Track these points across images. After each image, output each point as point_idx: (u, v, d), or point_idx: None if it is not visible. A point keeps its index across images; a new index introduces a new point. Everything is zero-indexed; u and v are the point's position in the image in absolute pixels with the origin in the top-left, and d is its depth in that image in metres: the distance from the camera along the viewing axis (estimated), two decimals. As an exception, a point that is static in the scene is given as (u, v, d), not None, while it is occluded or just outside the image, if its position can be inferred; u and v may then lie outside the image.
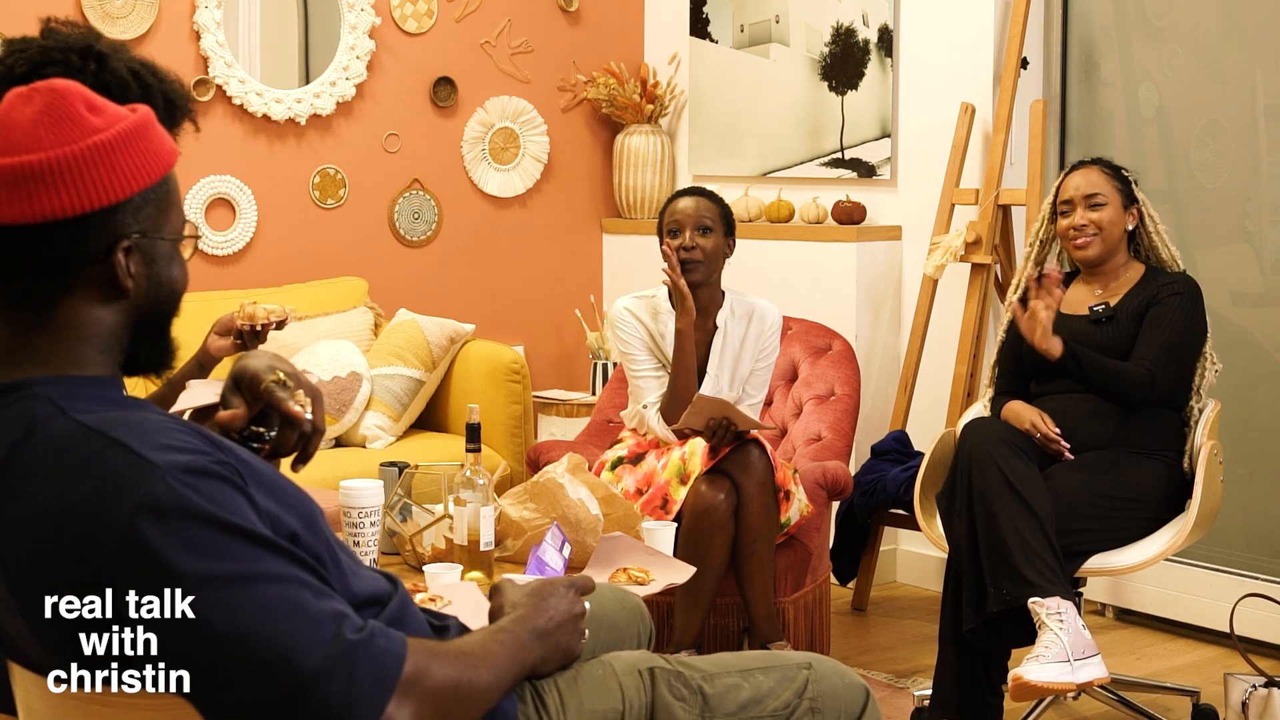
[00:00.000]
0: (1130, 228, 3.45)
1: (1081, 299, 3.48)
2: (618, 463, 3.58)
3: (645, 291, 3.74)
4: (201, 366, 2.70)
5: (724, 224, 3.64)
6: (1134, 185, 3.46)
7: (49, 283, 1.46)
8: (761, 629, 3.42)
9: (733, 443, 3.39)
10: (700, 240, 3.58)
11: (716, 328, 3.67)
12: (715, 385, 3.63)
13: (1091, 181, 3.44)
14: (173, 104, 2.07)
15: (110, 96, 1.96)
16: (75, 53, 1.99)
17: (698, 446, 3.42)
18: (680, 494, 3.39)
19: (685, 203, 3.63)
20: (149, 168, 1.48)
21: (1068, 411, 3.33)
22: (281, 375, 1.69)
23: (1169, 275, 3.44)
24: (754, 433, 3.42)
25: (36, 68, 1.96)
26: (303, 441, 1.69)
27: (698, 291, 3.60)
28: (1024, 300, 3.37)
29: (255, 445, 1.68)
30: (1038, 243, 3.59)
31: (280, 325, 2.77)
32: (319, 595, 1.39)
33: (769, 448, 3.43)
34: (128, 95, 1.99)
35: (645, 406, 3.63)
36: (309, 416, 1.69)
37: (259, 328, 2.73)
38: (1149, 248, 3.49)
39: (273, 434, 1.69)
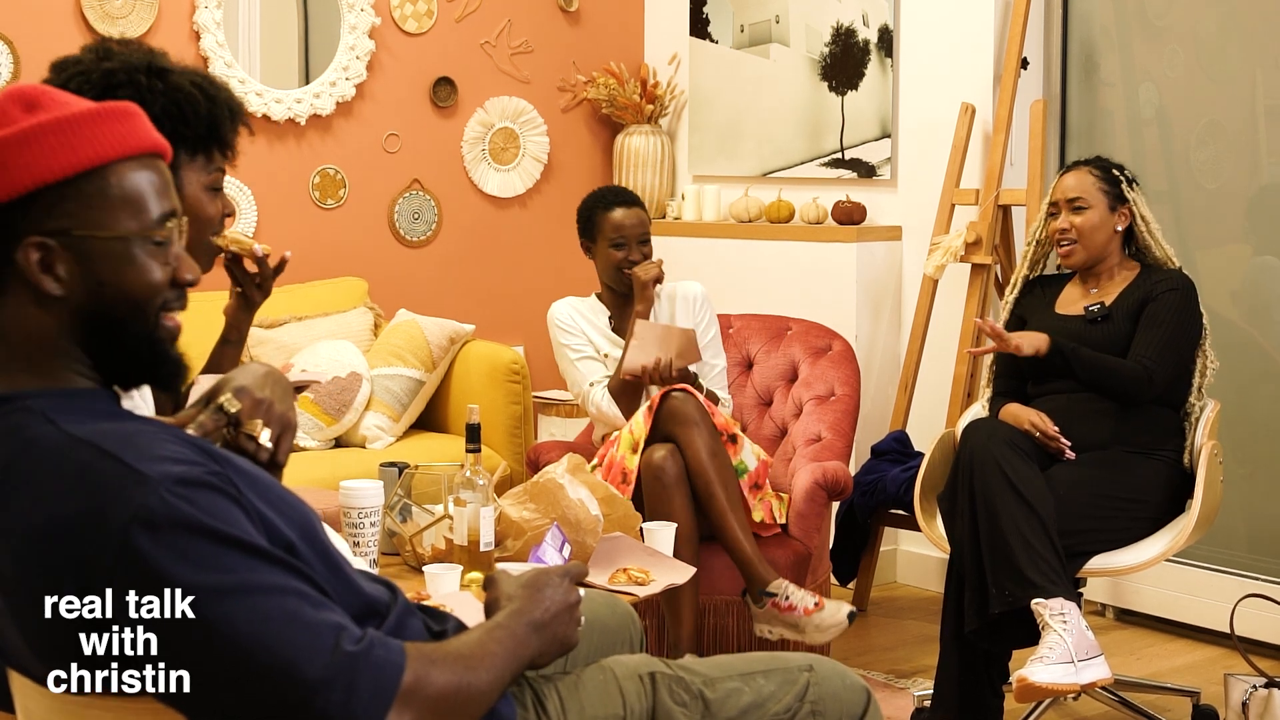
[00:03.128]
0: (1120, 228, 3.43)
1: (1077, 299, 3.48)
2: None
3: (572, 299, 3.94)
4: (227, 341, 2.65)
5: (649, 221, 3.89)
6: (1127, 185, 3.44)
7: None
8: (756, 571, 3.37)
9: (676, 381, 3.56)
10: (646, 250, 3.83)
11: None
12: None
13: (1078, 184, 3.43)
14: (233, 112, 2.10)
15: (182, 112, 1.98)
16: (141, 72, 1.98)
17: (640, 414, 3.51)
18: (634, 463, 3.45)
19: (621, 215, 3.82)
20: (59, 161, 1.42)
21: (1066, 412, 3.33)
22: (225, 402, 1.66)
23: (1163, 272, 3.43)
24: (680, 383, 3.55)
25: (105, 92, 1.94)
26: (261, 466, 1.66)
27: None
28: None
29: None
30: (1034, 243, 3.59)
31: (277, 267, 2.50)
32: (316, 606, 1.38)
33: (697, 395, 3.51)
34: (197, 109, 2.01)
35: (591, 385, 3.75)
36: (267, 445, 1.69)
37: (247, 266, 2.47)
38: (1143, 247, 3.47)
39: (264, 440, 1.69)
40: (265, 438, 1.70)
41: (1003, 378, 3.53)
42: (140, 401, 2.00)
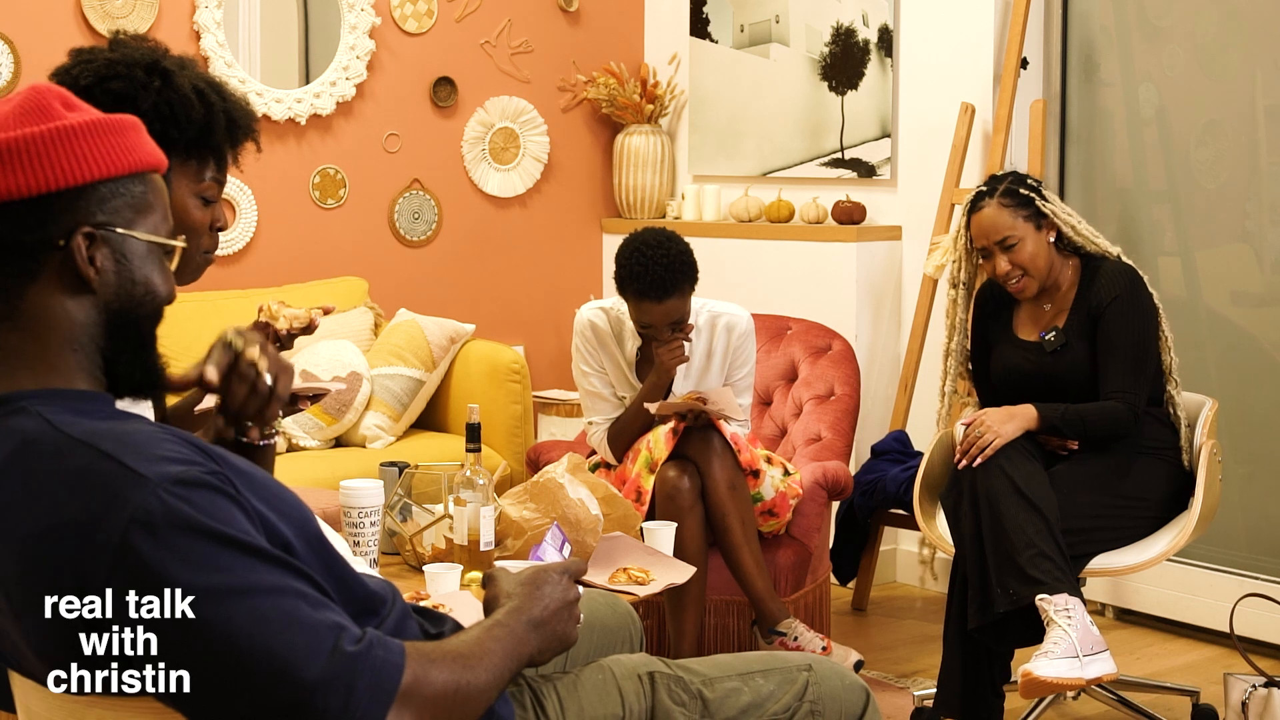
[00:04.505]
0: (1052, 239, 3.34)
1: (1034, 318, 3.43)
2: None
3: (606, 302, 3.67)
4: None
5: (691, 290, 3.47)
6: (1039, 197, 3.32)
7: (13, 269, 1.45)
8: (768, 608, 3.38)
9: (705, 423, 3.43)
10: (677, 328, 3.46)
11: None
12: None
13: (997, 224, 3.31)
14: (234, 123, 2.07)
15: (173, 114, 1.97)
16: (140, 68, 1.97)
17: (661, 434, 3.43)
18: (650, 483, 3.41)
19: (649, 310, 3.41)
20: (116, 159, 1.47)
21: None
22: (232, 339, 1.69)
23: (1104, 272, 3.33)
24: (718, 421, 3.44)
25: (101, 80, 1.95)
26: (258, 401, 1.69)
27: None
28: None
29: (243, 438, 1.71)
30: (960, 285, 3.51)
31: (307, 330, 2.52)
32: (315, 606, 1.38)
33: (728, 432, 3.43)
34: (190, 113, 1.99)
35: (592, 423, 3.64)
36: (268, 381, 1.69)
37: (281, 332, 2.47)
38: (1076, 247, 3.41)
39: (273, 432, 1.69)
40: (265, 369, 1.70)
41: (986, 394, 3.52)
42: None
